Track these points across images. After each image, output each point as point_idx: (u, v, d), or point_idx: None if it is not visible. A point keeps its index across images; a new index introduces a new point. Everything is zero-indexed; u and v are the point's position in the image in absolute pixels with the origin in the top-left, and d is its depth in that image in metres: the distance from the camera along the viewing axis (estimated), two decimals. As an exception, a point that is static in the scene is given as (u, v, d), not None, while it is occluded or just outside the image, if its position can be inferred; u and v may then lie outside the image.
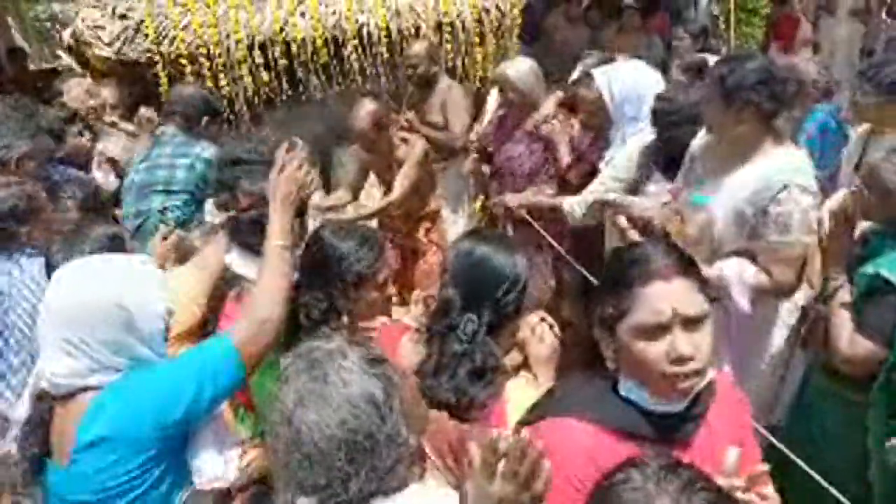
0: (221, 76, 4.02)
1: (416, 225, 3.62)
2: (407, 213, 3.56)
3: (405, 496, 1.06)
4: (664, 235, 2.17)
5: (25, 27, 8.19)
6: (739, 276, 2.10)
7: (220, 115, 3.29)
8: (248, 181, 2.04)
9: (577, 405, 1.23)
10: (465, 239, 1.63)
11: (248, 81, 4.06)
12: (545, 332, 1.64)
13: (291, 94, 4.20)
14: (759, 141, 2.10)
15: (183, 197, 2.96)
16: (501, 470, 0.98)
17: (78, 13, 4.21)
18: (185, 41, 3.94)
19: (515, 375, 1.59)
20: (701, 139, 2.33)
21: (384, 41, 4.21)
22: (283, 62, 4.09)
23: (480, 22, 4.42)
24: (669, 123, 2.56)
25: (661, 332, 1.14)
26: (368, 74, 4.28)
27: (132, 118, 3.83)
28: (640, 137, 2.78)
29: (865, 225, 2.13)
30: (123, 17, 3.95)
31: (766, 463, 1.18)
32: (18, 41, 7.51)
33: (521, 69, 3.39)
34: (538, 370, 1.61)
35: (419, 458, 1.15)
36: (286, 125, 4.13)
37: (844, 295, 2.00)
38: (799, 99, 2.09)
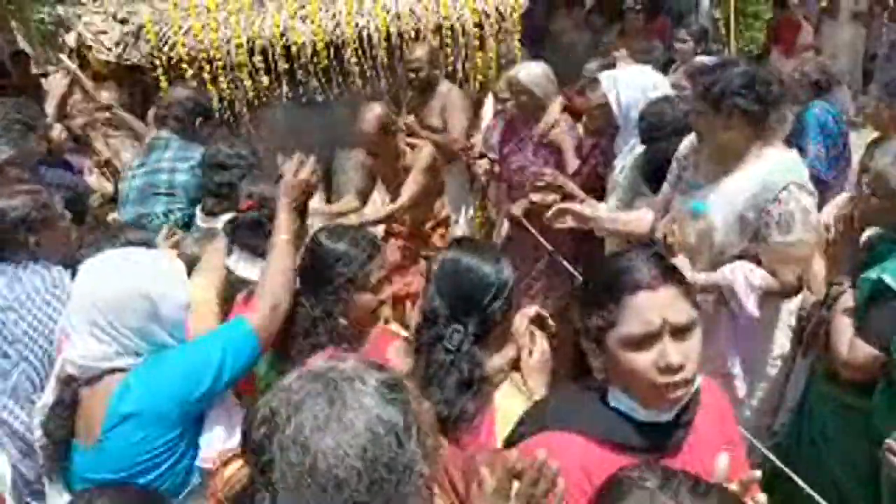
0: (222, 80, 4.03)
1: (431, 231, 3.60)
2: (415, 219, 3.54)
3: None
4: (666, 245, 2.18)
5: (29, 30, 8.24)
6: (746, 279, 2.09)
7: (212, 116, 3.28)
8: (247, 183, 2.06)
9: (567, 418, 1.22)
10: (449, 248, 1.63)
11: (248, 85, 4.07)
12: (539, 339, 1.62)
13: (292, 97, 4.21)
14: (750, 144, 2.10)
15: (185, 200, 2.93)
16: (516, 492, 0.97)
17: (81, 17, 4.24)
18: (185, 45, 3.96)
19: (506, 377, 1.58)
20: (686, 146, 2.33)
21: (384, 45, 4.23)
22: (283, 66, 4.10)
23: (480, 26, 4.42)
24: (655, 136, 2.58)
25: (650, 341, 1.13)
26: (368, 78, 4.29)
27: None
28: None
29: (872, 230, 2.13)
30: (125, 21, 3.97)
31: (770, 469, 1.17)
32: (22, 44, 7.56)
33: (533, 72, 3.36)
34: (529, 377, 1.59)
35: (429, 488, 1.10)
36: (286, 128, 4.16)
37: (847, 300, 2.00)
38: (786, 99, 2.10)
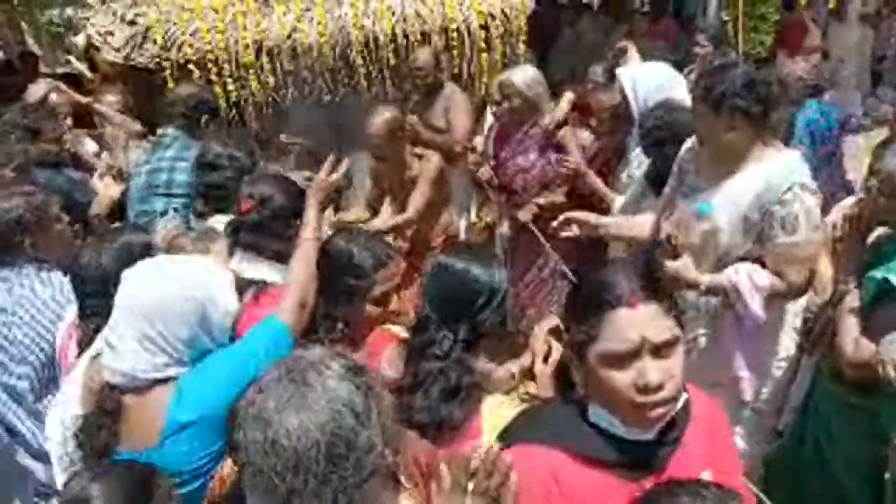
0: (229, 81, 4.05)
1: (435, 248, 3.50)
2: (419, 234, 3.49)
3: None
4: (671, 248, 2.17)
5: (38, 32, 8.29)
6: (751, 280, 2.09)
7: (218, 113, 3.29)
8: (246, 184, 2.06)
9: (546, 432, 1.20)
10: (442, 253, 1.62)
11: (255, 87, 4.09)
12: (556, 349, 1.60)
13: (298, 99, 4.22)
14: (751, 145, 2.11)
15: (184, 199, 2.93)
16: (472, 486, 0.98)
17: (89, 18, 4.26)
18: (192, 47, 3.98)
19: (518, 385, 1.57)
20: (688, 149, 2.34)
21: (390, 47, 4.23)
22: (290, 67, 4.12)
23: (486, 28, 4.43)
24: (657, 142, 2.58)
25: (629, 359, 1.11)
26: (374, 80, 4.30)
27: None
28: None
29: (881, 230, 2.13)
30: (132, 22, 3.99)
31: (774, 475, 1.16)
32: (31, 46, 7.62)
33: (527, 76, 3.38)
34: (542, 387, 1.56)
35: (394, 477, 1.14)
36: (293, 130, 4.17)
37: (853, 300, 2.00)
38: (784, 98, 2.12)
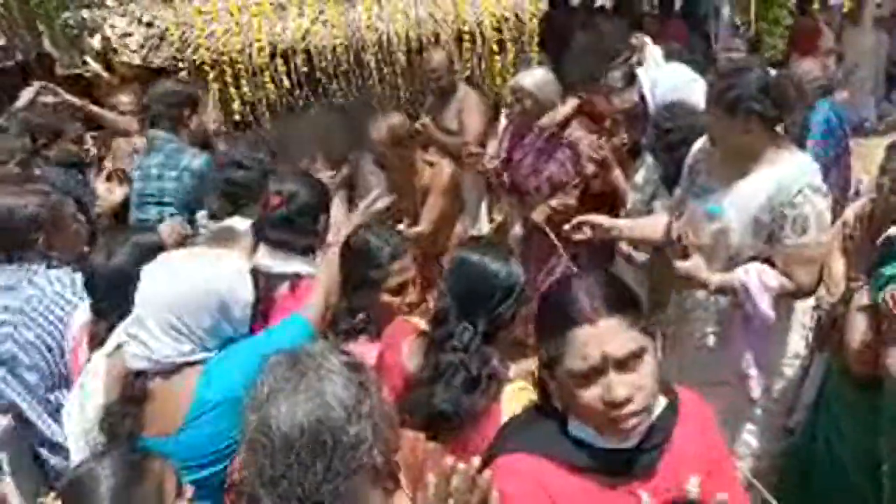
0: (244, 83, 4.09)
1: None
2: (431, 246, 3.39)
3: None
4: (682, 248, 2.19)
5: (54, 33, 8.37)
6: (761, 280, 2.11)
7: (197, 104, 3.20)
8: (274, 182, 2.10)
9: (532, 442, 1.20)
10: (461, 248, 1.66)
11: (270, 88, 4.12)
12: None
13: (312, 101, 4.26)
14: (765, 148, 2.13)
15: (177, 207, 2.95)
16: (452, 501, 1.00)
17: (106, 20, 4.31)
18: (208, 49, 4.02)
19: (526, 381, 1.60)
20: (699, 150, 2.35)
21: (403, 49, 4.26)
22: (304, 69, 4.15)
23: (499, 31, 4.45)
24: (669, 144, 2.59)
25: (594, 375, 1.10)
26: (388, 82, 4.33)
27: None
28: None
29: (894, 229, 2.14)
30: (149, 24, 4.04)
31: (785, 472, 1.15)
32: (48, 47, 7.69)
33: (537, 78, 3.38)
34: None
35: (389, 478, 1.16)
36: (306, 132, 4.20)
37: (862, 298, 2.00)
38: (799, 101, 2.13)
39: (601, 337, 1.10)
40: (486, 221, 4.45)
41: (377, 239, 1.86)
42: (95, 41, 4.44)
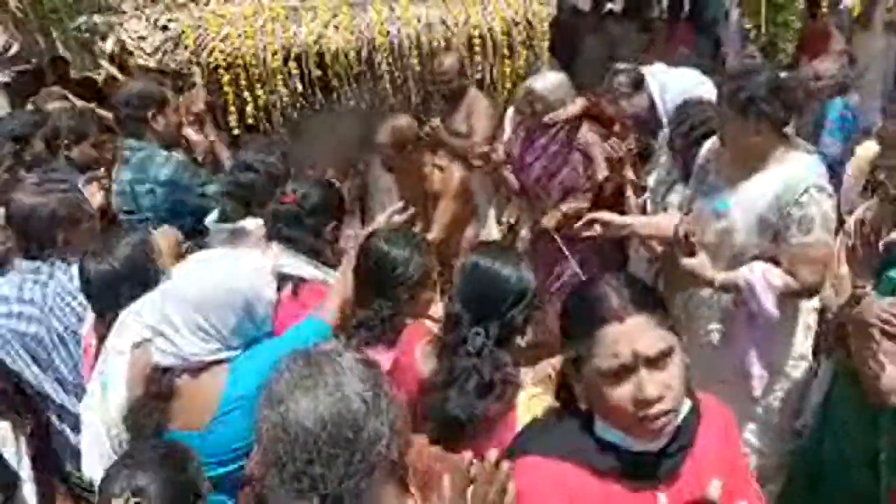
0: (257, 86, 4.13)
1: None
2: (441, 253, 3.29)
3: None
4: (687, 245, 2.22)
5: (66, 37, 8.47)
6: (765, 279, 2.13)
7: (166, 104, 3.08)
8: (290, 181, 2.14)
9: (555, 444, 1.20)
10: (471, 253, 1.67)
11: (283, 91, 4.16)
12: None
13: (325, 104, 4.29)
14: (773, 149, 2.16)
15: (156, 220, 2.85)
16: (471, 493, 1.02)
17: (122, 24, 4.37)
18: (223, 52, 4.06)
19: (544, 386, 1.61)
20: (709, 150, 2.38)
21: (415, 53, 4.29)
22: (317, 73, 4.19)
23: (510, 35, 4.47)
24: (688, 144, 2.61)
25: (624, 374, 1.10)
26: (400, 85, 4.36)
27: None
28: None
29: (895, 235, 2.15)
30: (165, 28, 4.09)
31: (793, 473, 1.17)
32: (61, 51, 7.78)
33: (549, 82, 3.40)
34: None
35: (401, 481, 1.16)
36: (318, 134, 4.24)
37: (869, 301, 2.01)
38: (808, 102, 2.16)
39: (631, 334, 1.10)
40: (494, 225, 4.46)
41: (407, 246, 1.86)
42: (108, 45, 4.50)
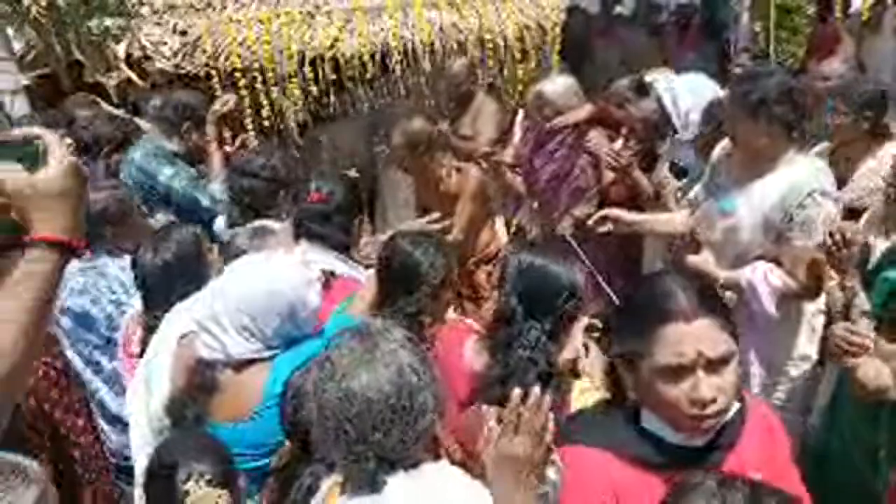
0: (273, 90, 4.20)
1: (474, 268, 3.37)
2: (463, 253, 3.19)
3: (422, 472, 1.17)
4: (694, 244, 2.25)
5: (81, 41, 8.55)
6: (766, 279, 2.17)
7: (202, 124, 3.11)
8: (315, 179, 2.21)
9: (600, 436, 1.23)
10: (523, 251, 1.74)
11: (298, 95, 4.23)
12: (590, 345, 1.73)
13: (339, 107, 4.36)
14: (783, 150, 2.19)
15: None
16: (521, 428, 1.11)
17: (136, 28, 4.45)
18: (239, 56, 4.14)
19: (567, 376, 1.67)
20: (720, 151, 2.42)
21: (428, 57, 4.35)
22: (332, 77, 4.25)
23: (522, 39, 4.52)
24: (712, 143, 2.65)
25: (683, 373, 1.11)
26: (413, 89, 4.41)
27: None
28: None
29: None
30: (183, 33, 4.17)
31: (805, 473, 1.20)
32: (77, 55, 7.87)
33: (558, 86, 3.40)
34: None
35: (435, 446, 1.26)
36: (333, 137, 4.30)
37: (862, 303, 2.04)
38: (819, 105, 2.20)
39: (697, 335, 1.11)
40: (502, 228, 4.49)
41: (431, 250, 1.89)
42: (121, 48, 4.57)
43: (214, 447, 1.40)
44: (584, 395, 1.59)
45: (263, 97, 4.17)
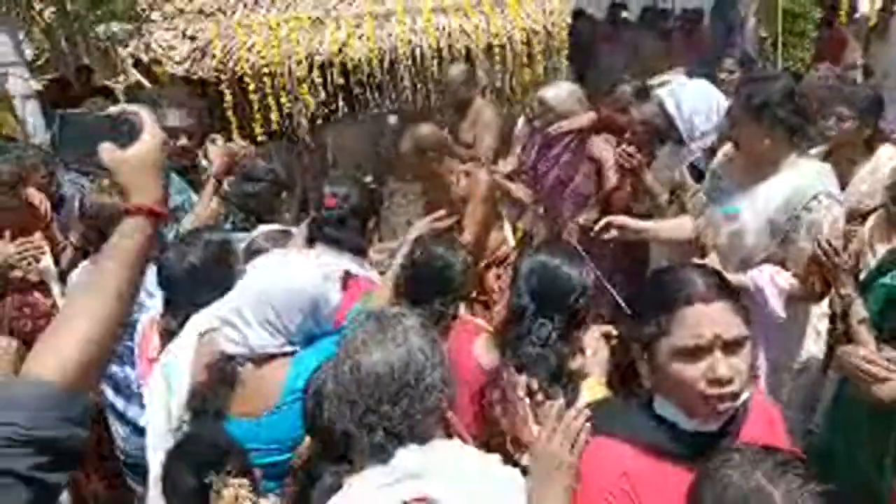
0: (282, 94, 4.23)
1: (484, 271, 3.33)
2: (474, 249, 3.14)
3: (434, 447, 1.23)
4: (700, 247, 2.26)
5: (89, 46, 8.63)
6: (773, 281, 2.18)
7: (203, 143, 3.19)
8: (329, 184, 2.23)
9: (611, 423, 1.26)
10: (535, 251, 1.76)
11: (307, 100, 4.26)
12: (601, 347, 1.75)
13: (347, 112, 4.39)
14: (786, 154, 2.20)
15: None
16: (563, 425, 1.20)
17: (144, 33, 4.49)
18: (249, 61, 4.17)
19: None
20: (721, 156, 2.44)
21: (435, 62, 4.37)
22: (340, 81, 4.28)
23: (528, 43, 4.54)
24: None
25: (700, 354, 1.15)
26: (420, 94, 4.44)
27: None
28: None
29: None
30: (193, 38, 4.20)
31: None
32: (86, 60, 7.94)
33: (560, 91, 3.41)
34: (592, 373, 1.70)
35: (446, 426, 1.31)
36: (342, 142, 4.33)
37: (860, 310, 2.05)
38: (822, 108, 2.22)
39: (714, 317, 1.16)
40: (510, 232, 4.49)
41: (457, 252, 1.92)
42: (125, 53, 4.62)
43: (228, 441, 1.42)
44: (594, 389, 1.62)
45: (272, 101, 4.20)
